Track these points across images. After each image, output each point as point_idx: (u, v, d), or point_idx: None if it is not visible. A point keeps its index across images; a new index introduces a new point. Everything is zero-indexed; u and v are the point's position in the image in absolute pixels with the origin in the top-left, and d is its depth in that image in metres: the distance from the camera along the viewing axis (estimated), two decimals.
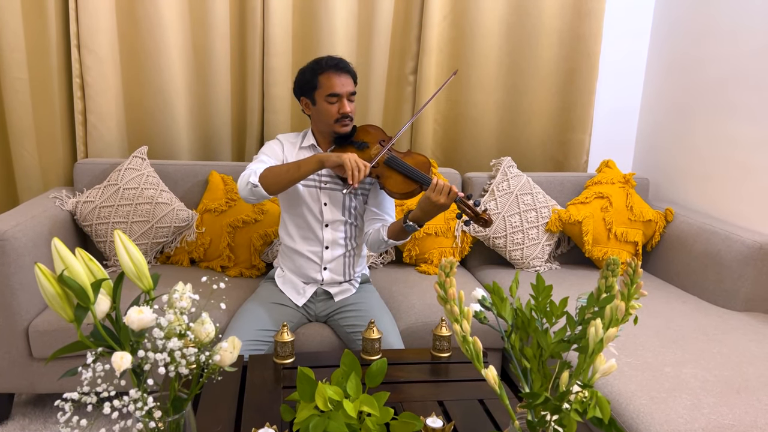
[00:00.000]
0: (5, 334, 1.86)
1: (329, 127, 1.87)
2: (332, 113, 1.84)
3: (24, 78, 2.37)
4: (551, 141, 2.81)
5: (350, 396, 1.13)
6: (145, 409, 0.78)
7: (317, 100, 1.84)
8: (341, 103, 1.83)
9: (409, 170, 1.83)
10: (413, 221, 1.76)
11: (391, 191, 1.84)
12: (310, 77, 1.84)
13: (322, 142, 1.94)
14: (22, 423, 2.00)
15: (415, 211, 1.76)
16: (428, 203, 1.71)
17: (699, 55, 2.55)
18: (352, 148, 1.90)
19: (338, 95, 1.82)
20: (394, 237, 1.83)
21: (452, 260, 0.94)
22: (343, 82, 1.82)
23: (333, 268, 1.94)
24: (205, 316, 0.83)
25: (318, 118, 1.89)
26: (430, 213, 1.74)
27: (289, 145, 1.95)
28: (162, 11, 2.39)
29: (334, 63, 1.83)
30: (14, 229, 1.84)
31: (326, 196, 1.91)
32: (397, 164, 1.84)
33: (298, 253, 1.93)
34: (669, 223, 2.51)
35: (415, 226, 1.76)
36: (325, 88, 1.82)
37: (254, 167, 1.80)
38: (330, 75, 1.82)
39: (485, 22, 2.62)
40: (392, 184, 1.83)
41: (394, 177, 1.84)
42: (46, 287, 0.80)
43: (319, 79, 1.82)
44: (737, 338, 1.85)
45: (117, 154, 2.50)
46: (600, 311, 0.94)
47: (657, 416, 1.41)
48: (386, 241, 1.84)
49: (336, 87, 1.81)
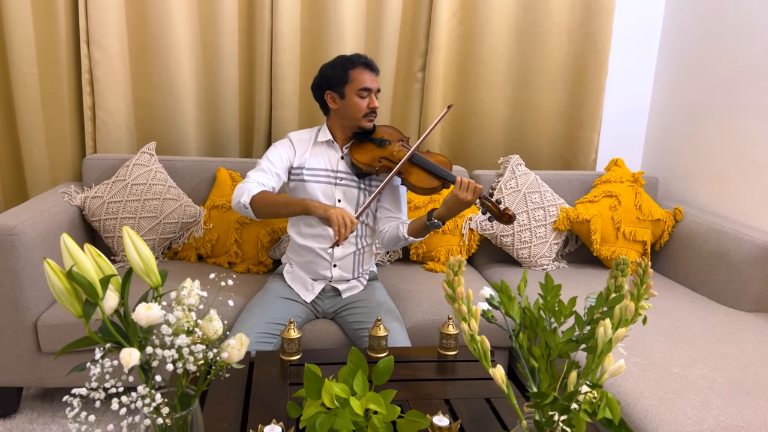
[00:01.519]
0: (14, 328, 1.87)
1: (356, 121, 1.91)
2: (362, 107, 1.89)
3: (33, 73, 2.38)
4: (560, 139, 2.80)
5: (357, 393, 1.12)
6: (153, 406, 0.78)
7: (347, 94, 1.88)
8: (371, 98, 1.89)
9: (434, 167, 1.89)
10: (438, 219, 1.81)
11: (415, 186, 1.88)
12: (341, 72, 1.88)
13: (339, 138, 1.96)
14: (30, 416, 2.01)
15: (440, 209, 1.81)
16: (455, 200, 1.76)
17: (709, 53, 2.53)
18: (372, 145, 1.94)
19: (370, 90, 1.88)
20: (414, 234, 1.87)
21: (460, 259, 0.93)
22: (372, 78, 1.90)
23: (342, 266, 1.94)
24: (213, 313, 0.83)
25: (344, 113, 1.92)
26: (456, 210, 1.79)
27: (301, 144, 1.96)
28: (171, 6, 2.39)
29: (365, 60, 1.90)
30: (23, 224, 1.85)
31: (341, 192, 1.92)
32: (421, 161, 1.90)
33: (309, 249, 1.93)
34: (678, 223, 2.49)
35: (440, 224, 1.82)
36: (357, 83, 1.87)
37: (251, 181, 1.82)
38: (362, 71, 1.88)
39: (494, 19, 2.61)
40: (416, 179, 1.88)
41: (418, 173, 1.89)
42: (55, 283, 0.80)
43: (351, 73, 1.88)
44: (746, 339, 1.83)
45: (125, 149, 2.51)
46: (609, 311, 0.93)
47: (665, 417, 1.40)
48: (406, 239, 1.88)
49: (368, 82, 1.87)
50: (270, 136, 2.63)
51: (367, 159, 1.90)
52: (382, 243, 1.97)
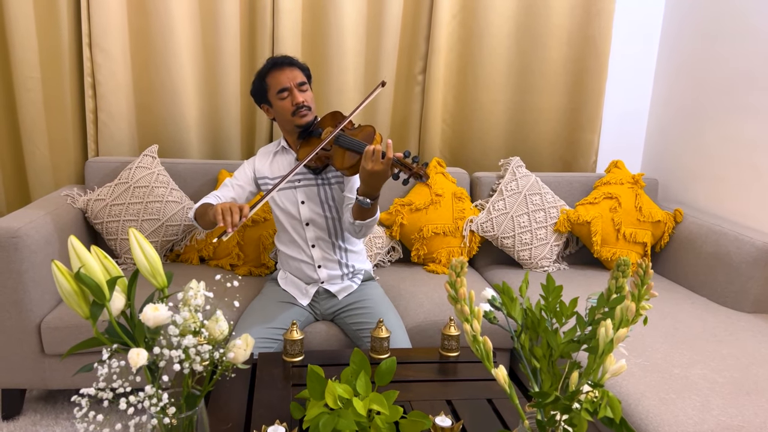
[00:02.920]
0: (18, 330, 1.88)
1: (291, 122, 1.89)
2: (287, 107, 1.86)
3: (36, 77, 2.40)
4: (560, 141, 2.81)
5: (360, 394, 1.13)
6: (160, 406, 0.79)
7: (272, 101, 1.89)
8: (292, 95, 1.85)
9: (353, 143, 1.76)
10: (362, 195, 1.67)
11: (338, 168, 1.78)
12: (259, 83, 1.90)
13: (291, 142, 1.96)
14: (33, 418, 2.02)
15: (360, 185, 1.68)
16: (364, 173, 1.61)
17: (709, 55, 2.54)
18: (314, 138, 1.89)
19: (287, 88, 1.85)
20: (358, 217, 1.75)
21: (463, 260, 0.94)
22: (287, 75, 1.85)
23: (327, 266, 1.95)
24: (219, 314, 0.84)
25: (280, 119, 1.92)
26: (369, 182, 1.62)
27: (263, 156, 2.00)
28: (173, 10, 2.41)
29: (273, 61, 1.89)
30: (27, 227, 1.86)
31: (303, 194, 1.92)
32: (345, 141, 1.80)
33: (291, 257, 1.96)
34: (678, 224, 2.50)
35: (366, 201, 1.66)
36: (273, 87, 1.87)
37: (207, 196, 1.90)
38: (273, 73, 1.87)
39: (494, 21, 2.62)
40: (338, 162, 1.78)
41: (342, 153, 1.79)
42: (62, 284, 0.81)
43: (267, 81, 1.88)
44: (746, 340, 1.84)
45: (127, 152, 2.52)
46: (610, 312, 0.94)
47: (666, 417, 1.41)
48: (353, 223, 1.77)
49: (282, 82, 1.85)
50: (271, 139, 2.64)
51: (305, 154, 1.84)
52: (347, 233, 1.91)
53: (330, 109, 2.46)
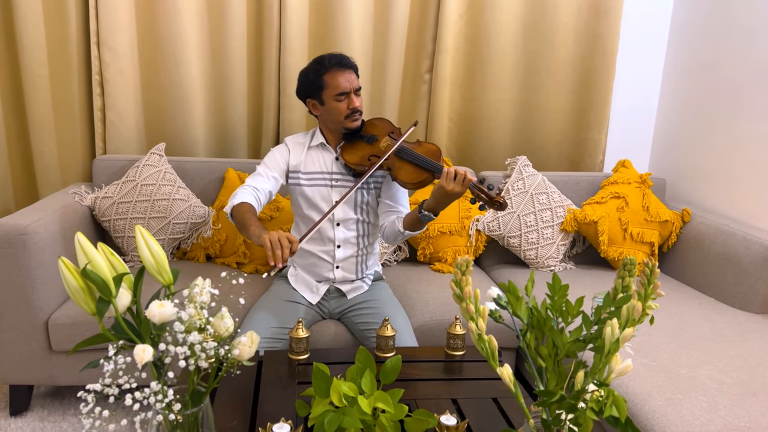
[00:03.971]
0: (25, 327, 1.89)
1: (340, 124, 1.88)
2: (342, 110, 1.84)
3: (44, 75, 2.41)
4: (567, 140, 2.80)
5: (365, 392, 1.13)
6: (165, 402, 0.79)
7: (325, 100, 1.85)
8: (350, 99, 1.84)
9: (420, 159, 1.83)
10: (428, 211, 1.75)
11: (403, 182, 1.84)
12: (315, 78, 1.84)
13: (331, 140, 1.94)
14: (41, 414, 2.03)
15: (429, 201, 1.74)
16: (442, 192, 1.69)
17: (717, 55, 2.53)
18: (363, 143, 1.91)
19: (346, 93, 1.83)
20: (410, 228, 1.82)
21: (468, 258, 0.94)
22: (347, 78, 1.83)
23: (345, 267, 1.94)
24: (225, 311, 0.84)
25: (327, 118, 1.89)
26: (444, 201, 1.72)
27: (296, 147, 1.95)
28: (180, 9, 2.42)
29: (336, 61, 1.83)
30: (35, 224, 1.87)
31: (338, 194, 1.91)
32: (407, 154, 1.85)
33: (310, 252, 1.93)
34: (686, 224, 2.49)
35: (431, 216, 1.75)
36: (332, 88, 1.82)
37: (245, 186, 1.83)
38: (334, 73, 1.82)
39: (501, 20, 2.62)
40: (403, 175, 1.84)
41: (405, 167, 1.84)
42: (69, 281, 0.81)
43: (324, 79, 1.82)
44: (754, 340, 1.83)
45: (135, 150, 2.53)
46: (616, 311, 0.94)
47: (672, 417, 1.40)
48: (402, 233, 1.83)
49: (343, 85, 1.82)
50: (278, 137, 2.65)
51: (357, 159, 1.87)
52: (383, 237, 1.94)
53: None
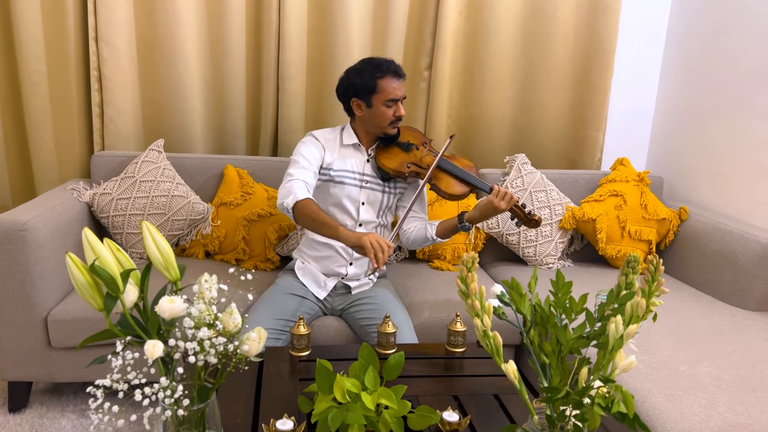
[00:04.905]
0: (24, 323, 1.88)
1: (381, 129, 1.91)
2: (388, 116, 1.88)
3: (42, 70, 2.40)
4: (565, 138, 2.81)
5: (368, 389, 1.14)
6: (174, 397, 0.80)
7: (374, 103, 1.87)
8: (397, 107, 1.88)
9: (463, 173, 1.96)
10: (469, 222, 1.88)
11: (445, 192, 1.94)
12: (370, 80, 1.85)
13: (364, 141, 1.97)
14: (39, 411, 2.03)
15: (472, 213, 1.88)
16: (489, 207, 1.85)
17: (715, 53, 2.54)
18: (398, 149, 1.96)
19: (396, 100, 1.87)
20: (442, 236, 1.93)
21: (474, 255, 0.94)
22: (400, 86, 1.87)
23: (359, 264, 1.97)
24: (234, 307, 0.84)
25: (370, 120, 1.91)
26: (488, 215, 1.87)
27: (328, 143, 1.95)
28: (179, 5, 2.41)
29: (394, 68, 1.87)
30: (35, 220, 1.86)
31: (365, 195, 1.94)
32: (449, 167, 1.96)
33: (328, 245, 1.93)
34: (683, 222, 2.50)
35: (470, 227, 1.91)
36: (385, 93, 1.85)
37: (295, 179, 1.80)
38: (390, 80, 1.85)
39: (501, 18, 2.62)
40: (446, 186, 1.95)
41: (447, 179, 1.95)
42: (77, 276, 0.81)
43: (379, 83, 1.84)
44: (752, 337, 1.84)
45: (133, 146, 2.52)
46: (620, 308, 0.95)
47: (672, 414, 1.41)
48: (434, 239, 1.94)
49: (396, 92, 1.85)
50: (276, 134, 2.64)
51: (396, 165, 1.92)
52: (406, 243, 2.01)
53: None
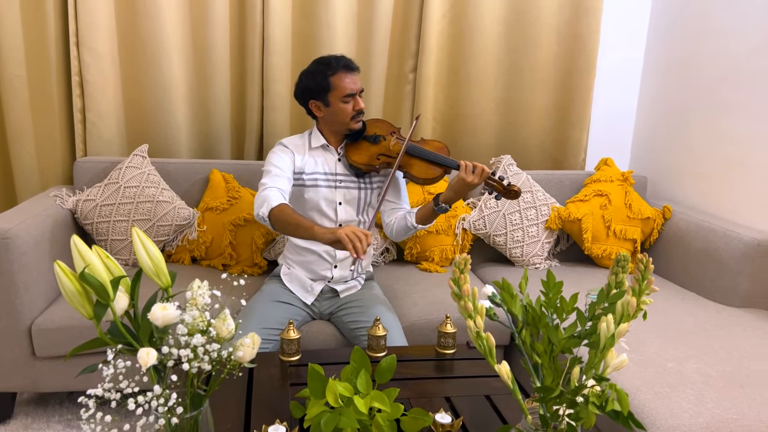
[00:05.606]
0: (8, 332, 1.85)
1: (344, 126, 1.90)
2: (348, 112, 1.87)
3: (22, 75, 2.36)
4: (549, 138, 2.83)
5: (361, 392, 1.13)
6: (168, 406, 0.79)
7: (331, 101, 1.86)
8: (355, 101, 1.87)
9: (433, 156, 1.91)
10: (445, 203, 1.84)
11: (418, 177, 1.91)
12: (322, 79, 1.84)
13: (332, 142, 1.96)
14: (24, 422, 1.99)
15: (446, 193, 1.84)
16: (462, 184, 1.80)
17: (695, 54, 2.58)
18: (367, 143, 1.94)
19: (353, 94, 1.85)
20: (422, 222, 1.90)
21: (466, 257, 0.95)
22: (354, 80, 1.85)
23: (344, 266, 1.95)
24: (227, 313, 0.84)
25: (332, 119, 1.90)
26: (462, 193, 1.83)
27: (297, 149, 1.93)
28: (162, 8, 2.38)
29: (344, 63, 1.85)
30: (17, 228, 1.83)
31: (341, 195, 1.92)
32: (419, 152, 1.92)
33: (310, 250, 1.93)
34: (667, 221, 2.53)
35: (447, 207, 1.85)
36: (340, 90, 1.84)
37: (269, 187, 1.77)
38: (342, 75, 1.84)
39: (484, 20, 2.63)
40: (418, 171, 1.91)
41: (418, 164, 1.92)
42: (66, 284, 0.80)
43: (332, 80, 1.84)
44: (737, 334, 1.87)
45: (116, 152, 2.49)
46: (610, 307, 0.95)
47: (662, 411, 1.43)
48: (415, 227, 1.91)
49: (350, 87, 1.84)
50: (262, 137, 2.63)
51: (366, 159, 1.91)
52: (391, 235, 1.99)
53: None
